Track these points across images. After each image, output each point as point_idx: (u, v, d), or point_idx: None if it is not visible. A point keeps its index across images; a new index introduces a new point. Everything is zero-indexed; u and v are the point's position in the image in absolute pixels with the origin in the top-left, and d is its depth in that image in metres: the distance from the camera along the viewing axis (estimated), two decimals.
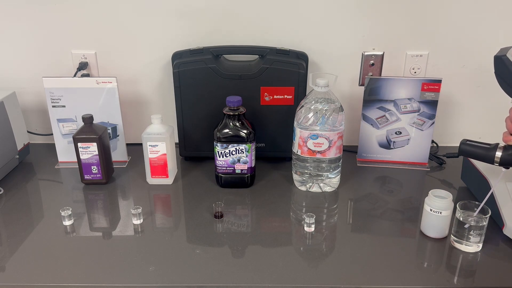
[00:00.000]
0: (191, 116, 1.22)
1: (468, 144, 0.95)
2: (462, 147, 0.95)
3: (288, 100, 1.19)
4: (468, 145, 0.95)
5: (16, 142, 1.22)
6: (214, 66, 1.16)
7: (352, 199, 1.11)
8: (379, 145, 1.24)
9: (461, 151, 0.96)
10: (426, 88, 1.17)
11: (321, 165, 1.10)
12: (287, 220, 1.02)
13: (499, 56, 0.85)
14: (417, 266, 0.87)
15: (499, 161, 0.90)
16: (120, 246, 0.92)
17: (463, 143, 0.95)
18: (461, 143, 0.96)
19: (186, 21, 1.24)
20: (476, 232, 0.88)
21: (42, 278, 0.83)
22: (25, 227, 0.98)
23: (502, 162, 0.90)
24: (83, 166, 1.13)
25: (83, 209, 1.05)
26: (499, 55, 0.85)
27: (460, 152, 0.96)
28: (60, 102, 1.19)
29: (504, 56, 0.84)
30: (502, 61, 0.84)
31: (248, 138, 1.08)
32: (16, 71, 1.31)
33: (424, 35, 1.25)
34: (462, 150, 0.96)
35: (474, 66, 1.28)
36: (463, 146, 0.95)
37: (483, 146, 0.93)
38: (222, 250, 0.91)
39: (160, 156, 1.11)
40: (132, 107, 1.34)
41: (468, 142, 0.95)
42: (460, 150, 0.96)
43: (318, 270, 0.85)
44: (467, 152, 0.95)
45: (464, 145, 0.95)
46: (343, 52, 1.27)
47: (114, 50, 1.28)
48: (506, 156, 0.89)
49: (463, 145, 0.95)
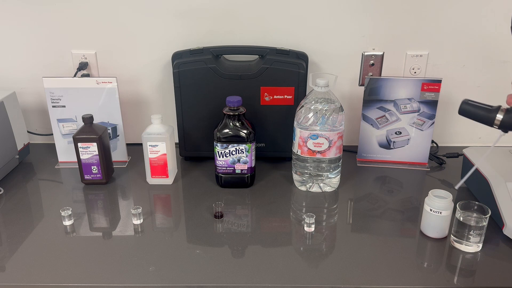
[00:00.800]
0: (191, 116, 1.22)
1: (470, 104, 0.90)
2: (462, 107, 0.91)
3: (288, 100, 1.19)
4: (469, 105, 0.90)
5: (16, 142, 1.22)
6: (214, 66, 1.16)
7: (352, 199, 1.11)
8: (379, 145, 1.24)
9: (461, 110, 0.91)
10: (426, 88, 1.17)
11: (321, 165, 1.10)
12: (287, 220, 1.02)
13: None
14: (417, 266, 0.87)
15: (499, 123, 0.86)
16: (120, 246, 0.92)
17: (464, 102, 0.91)
18: (462, 102, 0.91)
19: (186, 21, 1.24)
20: (476, 232, 0.88)
21: (42, 278, 0.83)
22: (25, 227, 0.98)
23: (502, 124, 0.86)
24: (83, 166, 1.13)
25: (83, 209, 1.05)
26: None
27: (460, 111, 0.91)
28: (60, 102, 1.19)
29: None
30: None
31: (248, 138, 1.08)
32: (16, 71, 1.31)
33: (424, 35, 1.25)
34: (462, 110, 0.91)
35: (474, 66, 1.28)
36: (464, 106, 0.90)
37: (485, 107, 0.88)
38: (222, 250, 0.91)
39: (160, 156, 1.12)
40: (132, 107, 1.34)
41: (469, 102, 0.90)
42: (461, 109, 0.91)
43: (318, 270, 0.85)
44: (467, 111, 0.90)
45: (465, 104, 0.90)
46: (343, 52, 1.27)
47: (114, 50, 1.28)
48: (508, 118, 0.85)
49: (464, 104, 0.91)
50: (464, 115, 0.92)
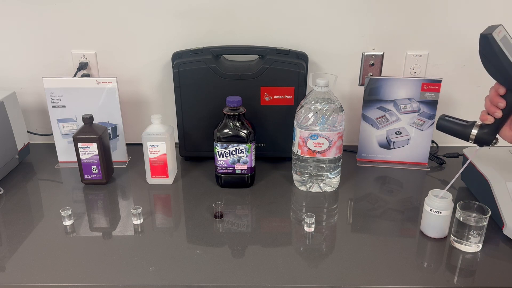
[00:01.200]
0: (191, 116, 1.22)
1: (446, 120, 0.93)
2: (439, 122, 0.94)
3: (288, 100, 1.19)
4: (446, 121, 0.93)
5: (16, 142, 1.22)
6: (214, 66, 1.16)
7: (352, 199, 1.11)
8: (379, 145, 1.24)
9: (438, 126, 0.94)
10: (426, 88, 1.17)
11: (321, 165, 1.10)
12: (287, 220, 1.02)
13: (485, 34, 0.82)
14: (417, 266, 0.87)
15: (474, 138, 0.89)
16: (120, 246, 0.92)
17: (441, 118, 0.94)
18: (439, 118, 0.94)
19: (186, 21, 1.24)
20: (476, 232, 0.88)
21: (42, 278, 0.83)
22: (25, 227, 0.98)
23: (476, 140, 0.89)
24: (83, 166, 1.13)
25: (83, 209, 1.05)
26: (485, 33, 0.82)
27: (437, 126, 0.94)
28: (60, 102, 1.19)
29: (490, 35, 0.81)
30: (487, 40, 0.81)
31: (248, 138, 1.08)
32: (16, 71, 1.31)
33: (424, 35, 1.25)
34: (439, 125, 0.94)
35: (474, 66, 1.27)
36: (440, 121, 0.94)
37: (460, 123, 0.92)
38: (222, 250, 0.91)
39: (160, 156, 1.11)
40: (132, 107, 1.34)
41: (446, 118, 0.93)
42: (438, 125, 0.94)
43: (318, 270, 0.85)
44: (444, 127, 0.93)
45: (442, 120, 0.93)
46: (343, 52, 1.27)
47: (114, 50, 1.28)
48: (481, 134, 0.89)
49: (441, 120, 0.94)
50: (441, 130, 0.95)
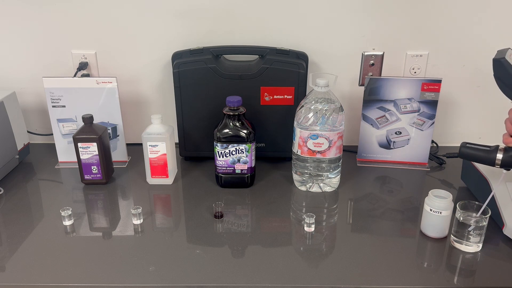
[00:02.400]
0: (191, 116, 1.22)
1: (468, 147, 0.94)
2: (462, 150, 0.94)
3: (288, 100, 1.19)
4: (468, 148, 0.94)
5: (16, 142, 1.22)
6: (214, 66, 1.16)
7: (352, 199, 1.11)
8: (379, 145, 1.24)
9: (462, 154, 0.95)
10: (426, 88, 1.17)
11: (321, 165, 1.10)
12: (287, 220, 1.02)
13: (497, 59, 0.84)
14: (417, 266, 0.87)
15: (500, 163, 0.89)
16: (120, 246, 0.92)
17: (463, 146, 0.94)
18: (461, 146, 0.95)
19: (186, 21, 1.24)
20: (476, 232, 0.88)
21: (42, 278, 0.83)
22: (25, 227, 0.98)
23: (503, 164, 0.89)
24: (83, 166, 1.13)
25: (83, 209, 1.05)
26: (497, 58, 0.84)
27: (460, 155, 0.95)
28: (60, 102, 1.19)
29: (502, 58, 0.83)
30: (501, 63, 0.84)
31: (248, 138, 1.08)
32: (16, 71, 1.31)
33: (424, 35, 1.25)
34: (462, 153, 0.95)
35: (474, 66, 1.28)
36: (463, 149, 0.94)
37: (483, 149, 0.92)
38: (222, 250, 0.91)
39: (160, 156, 1.11)
40: (132, 107, 1.34)
41: (468, 145, 0.94)
42: (461, 153, 0.95)
43: (318, 270, 0.85)
44: (468, 155, 0.94)
45: (465, 148, 0.94)
46: (343, 52, 1.27)
47: (114, 50, 1.28)
48: (507, 158, 0.89)
49: (463, 148, 0.94)
50: (464, 158, 0.96)
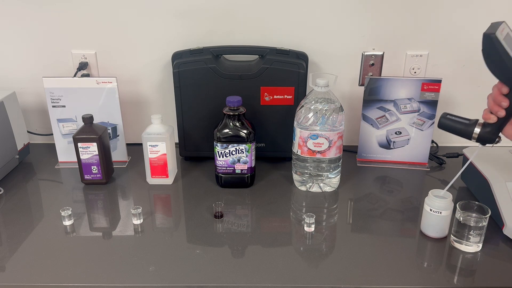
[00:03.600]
0: (191, 116, 1.22)
1: (448, 118, 0.93)
2: (441, 121, 0.93)
3: (288, 100, 1.19)
4: (448, 119, 0.93)
5: (16, 142, 1.22)
6: (214, 66, 1.16)
7: (352, 199, 1.11)
8: (379, 145, 1.24)
9: (440, 124, 0.94)
10: (426, 88, 1.17)
11: (321, 165, 1.10)
12: (287, 220, 1.02)
13: (488, 34, 0.80)
14: (417, 266, 0.87)
15: (477, 137, 0.90)
16: (120, 246, 0.92)
17: (443, 117, 0.93)
18: (441, 116, 0.94)
19: (186, 21, 1.24)
20: (476, 232, 0.88)
21: (42, 278, 0.83)
22: (25, 227, 0.98)
23: (479, 138, 0.90)
24: (83, 166, 1.13)
25: (83, 209, 1.05)
26: (488, 32, 0.80)
27: (439, 125, 0.94)
28: (60, 102, 1.19)
29: (493, 34, 0.79)
30: (490, 39, 0.80)
31: (248, 138, 1.08)
32: (16, 71, 1.31)
33: (424, 35, 1.25)
34: (441, 124, 0.94)
35: (474, 66, 1.28)
36: (442, 120, 0.93)
37: (463, 122, 0.91)
38: (222, 250, 0.91)
39: (160, 156, 1.11)
40: (132, 107, 1.34)
41: (448, 116, 0.93)
42: (439, 123, 0.94)
43: (318, 270, 0.85)
44: (446, 125, 0.93)
45: (444, 118, 0.93)
46: (343, 52, 1.27)
47: (114, 50, 1.28)
48: (484, 133, 0.89)
49: (443, 118, 0.93)
50: (443, 129, 0.95)
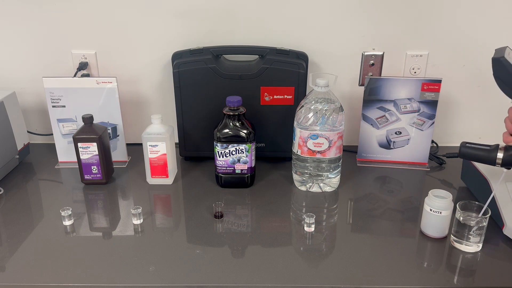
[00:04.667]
0: (191, 116, 1.22)
1: (468, 147, 0.94)
2: (462, 150, 0.94)
3: (288, 100, 1.19)
4: (469, 148, 0.93)
5: (16, 142, 1.22)
6: (214, 66, 1.16)
7: (352, 199, 1.11)
8: (379, 145, 1.24)
9: (462, 154, 0.95)
10: (426, 88, 1.17)
11: (321, 165, 1.10)
12: (287, 220, 1.02)
13: (497, 58, 0.83)
14: (417, 266, 0.87)
15: (501, 162, 0.89)
16: (120, 246, 0.92)
17: (463, 146, 0.94)
18: (461, 145, 0.95)
19: (186, 21, 1.24)
20: (476, 232, 0.88)
21: (42, 278, 0.83)
22: (25, 227, 0.98)
23: (504, 163, 0.89)
24: (83, 166, 1.13)
25: (83, 209, 1.05)
26: (497, 57, 0.83)
27: (460, 155, 0.95)
28: (60, 102, 1.19)
29: (502, 57, 0.82)
30: (500, 62, 0.83)
31: (248, 138, 1.08)
32: (16, 71, 1.31)
33: (424, 35, 1.25)
34: (462, 153, 0.94)
35: (474, 66, 1.28)
36: (463, 149, 0.94)
37: (484, 148, 0.92)
38: (222, 250, 0.91)
39: (160, 156, 1.11)
40: (132, 107, 1.34)
41: (468, 145, 0.94)
42: (461, 153, 0.95)
43: (318, 270, 0.85)
44: (468, 154, 0.94)
45: (465, 148, 0.94)
46: (343, 52, 1.27)
47: (114, 50, 1.28)
48: (508, 157, 0.89)
49: (463, 148, 0.94)
50: (464, 158, 0.96)
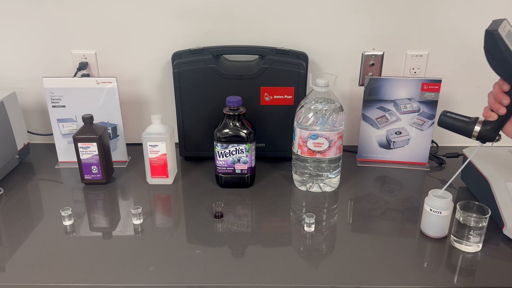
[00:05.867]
0: (191, 116, 1.22)
1: (448, 116, 0.93)
2: (441, 118, 0.93)
3: (288, 100, 1.19)
4: (448, 117, 0.92)
5: (16, 142, 1.22)
6: (214, 66, 1.16)
7: (352, 199, 1.11)
8: (379, 145, 1.24)
9: (440, 122, 0.93)
10: (426, 88, 1.17)
11: (321, 165, 1.10)
12: (287, 220, 1.02)
13: (490, 30, 0.79)
14: (417, 266, 0.87)
15: (477, 135, 0.89)
16: (120, 246, 0.92)
17: (443, 114, 0.93)
18: (441, 114, 0.93)
19: (186, 21, 1.24)
20: (476, 232, 0.88)
21: (42, 278, 0.83)
22: (25, 227, 0.98)
23: (479, 136, 0.89)
24: (83, 166, 1.13)
25: (83, 209, 1.05)
26: (490, 29, 0.79)
27: (439, 122, 0.94)
28: (60, 102, 1.19)
29: (495, 31, 0.78)
30: (492, 36, 0.79)
31: (248, 138, 1.08)
32: (16, 71, 1.31)
33: (424, 35, 1.25)
34: (441, 121, 0.93)
35: (474, 66, 1.28)
36: (442, 117, 0.93)
37: (463, 119, 0.91)
38: (222, 250, 0.91)
39: (160, 156, 1.12)
40: (132, 107, 1.34)
41: (448, 114, 0.93)
42: (440, 121, 0.94)
43: (318, 270, 0.85)
44: (446, 123, 0.93)
45: (444, 116, 0.93)
46: (343, 52, 1.27)
47: (114, 50, 1.28)
48: (484, 131, 0.88)
49: (443, 116, 0.93)
50: (442, 127, 0.94)
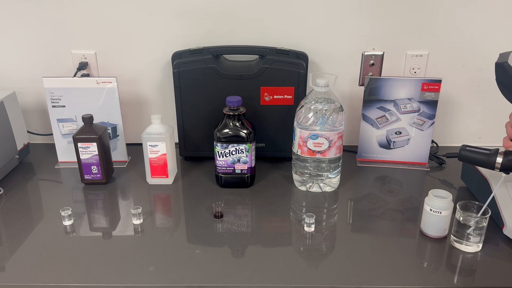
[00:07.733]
0: (191, 116, 1.22)
1: (468, 150, 0.94)
2: (462, 153, 0.95)
3: (288, 100, 1.19)
4: (468, 151, 0.94)
5: (16, 142, 1.22)
6: (214, 66, 1.16)
7: (352, 199, 1.11)
8: (379, 145, 1.24)
9: (461, 157, 0.95)
10: (426, 88, 1.17)
11: (321, 165, 1.10)
12: (287, 220, 1.02)
13: (500, 63, 0.83)
14: (417, 266, 0.87)
15: (500, 166, 0.90)
16: (120, 246, 0.92)
17: (463, 149, 0.94)
18: (460, 149, 0.95)
19: (186, 21, 1.24)
20: (476, 232, 0.88)
21: (42, 278, 0.83)
22: (25, 227, 0.98)
23: (502, 167, 0.90)
24: (83, 166, 1.13)
25: (83, 209, 1.05)
26: (500, 62, 0.83)
27: (460, 158, 0.95)
28: (60, 102, 1.19)
29: (505, 63, 0.82)
30: (503, 67, 0.82)
31: (248, 138, 1.08)
32: (16, 71, 1.31)
33: (424, 35, 1.25)
34: (462, 156, 0.95)
35: (474, 66, 1.28)
36: (463, 152, 0.94)
37: (483, 152, 0.92)
38: (222, 250, 0.91)
39: (160, 156, 1.12)
40: (132, 107, 1.34)
41: (468, 148, 0.94)
42: (460, 156, 0.95)
43: (318, 270, 0.85)
44: (467, 157, 0.94)
45: (464, 151, 0.94)
46: (343, 52, 1.27)
47: (114, 50, 1.28)
48: (507, 162, 0.89)
49: (463, 151, 0.94)
50: (463, 161, 0.96)
